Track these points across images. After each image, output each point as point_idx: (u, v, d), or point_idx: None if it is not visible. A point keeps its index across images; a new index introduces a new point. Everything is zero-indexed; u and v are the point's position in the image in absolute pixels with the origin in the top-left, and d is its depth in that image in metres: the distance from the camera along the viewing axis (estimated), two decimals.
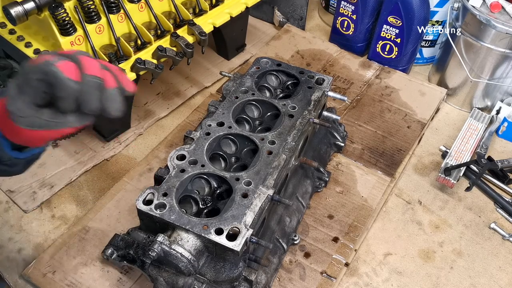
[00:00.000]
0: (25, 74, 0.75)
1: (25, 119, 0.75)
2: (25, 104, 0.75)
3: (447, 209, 1.53)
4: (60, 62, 0.73)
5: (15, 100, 0.75)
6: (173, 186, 1.11)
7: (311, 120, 1.32)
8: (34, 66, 0.74)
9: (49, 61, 0.73)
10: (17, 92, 0.75)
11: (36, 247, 1.39)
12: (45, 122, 0.77)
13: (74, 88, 0.74)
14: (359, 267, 1.38)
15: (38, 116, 0.76)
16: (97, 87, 0.75)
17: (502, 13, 1.58)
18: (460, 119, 1.81)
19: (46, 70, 0.73)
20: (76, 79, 0.74)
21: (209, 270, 1.10)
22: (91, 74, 0.75)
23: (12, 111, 0.75)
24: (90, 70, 0.75)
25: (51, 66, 0.73)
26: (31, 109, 0.75)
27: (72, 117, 0.78)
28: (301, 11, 2.08)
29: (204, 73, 1.93)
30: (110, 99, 0.77)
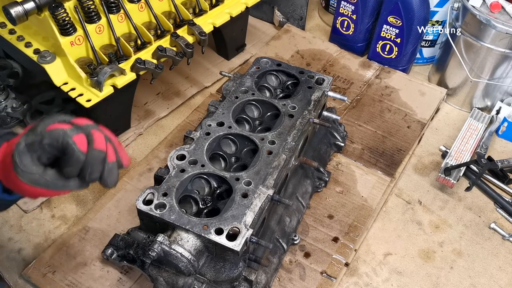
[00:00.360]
0: (40, 136, 0.80)
1: (29, 175, 0.80)
2: (31, 161, 0.79)
3: (447, 209, 1.53)
4: (76, 136, 0.80)
5: (23, 156, 0.79)
6: (173, 186, 1.11)
7: (311, 120, 1.32)
8: (51, 133, 0.80)
9: (67, 133, 0.79)
10: (26, 149, 0.80)
11: (36, 247, 1.38)
12: (47, 182, 0.81)
13: (82, 159, 0.80)
14: (359, 267, 1.38)
15: (42, 175, 0.80)
16: (101, 161, 0.82)
17: (502, 13, 1.58)
18: (460, 119, 1.81)
19: (63, 141, 0.79)
20: (85, 151, 0.81)
21: (209, 270, 1.10)
22: (97, 148, 0.82)
23: (19, 165, 0.79)
24: (97, 145, 0.82)
25: (68, 138, 0.79)
26: (36, 166, 0.80)
27: (73, 182, 0.83)
28: (301, 11, 2.08)
29: (204, 73, 1.93)
30: (109, 172, 0.84)
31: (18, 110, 1.60)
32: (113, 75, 1.39)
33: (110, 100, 1.41)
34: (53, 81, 1.40)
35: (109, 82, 1.39)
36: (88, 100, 1.36)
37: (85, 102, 1.36)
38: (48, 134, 0.80)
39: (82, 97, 1.37)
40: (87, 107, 1.36)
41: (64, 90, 1.39)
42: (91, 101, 1.36)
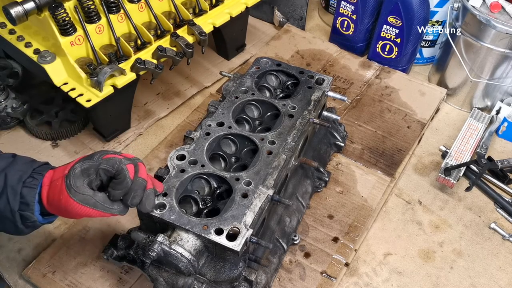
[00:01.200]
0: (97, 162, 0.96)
1: (80, 195, 0.93)
2: (83, 184, 0.94)
3: (447, 209, 1.53)
4: (128, 164, 0.97)
5: (77, 179, 0.94)
6: (173, 186, 1.11)
7: (311, 120, 1.32)
8: (108, 160, 0.96)
9: (122, 161, 0.96)
10: (80, 173, 0.94)
11: (36, 247, 1.38)
12: (96, 203, 0.95)
13: (128, 185, 0.96)
14: (359, 267, 1.38)
15: (92, 196, 0.94)
16: (142, 188, 0.98)
17: (502, 13, 1.58)
18: (460, 119, 1.81)
19: (119, 167, 0.96)
20: (132, 178, 0.96)
21: (209, 270, 1.10)
22: (141, 177, 0.98)
23: (72, 186, 0.93)
24: (141, 174, 0.98)
25: (123, 165, 0.96)
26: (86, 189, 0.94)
27: (117, 206, 0.98)
28: (301, 11, 2.08)
29: (204, 73, 1.93)
30: (147, 197, 1.00)
31: (18, 110, 1.60)
32: (113, 75, 1.39)
33: (110, 100, 1.41)
34: (53, 81, 1.40)
35: (109, 82, 1.39)
36: (88, 100, 1.36)
37: (85, 102, 1.36)
38: (105, 161, 0.96)
39: (82, 97, 1.37)
40: (87, 107, 1.36)
41: (64, 90, 1.39)
42: (91, 101, 1.36)
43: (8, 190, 0.96)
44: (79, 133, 1.67)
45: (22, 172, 0.98)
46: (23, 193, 0.97)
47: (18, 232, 1.02)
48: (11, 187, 0.96)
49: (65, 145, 1.63)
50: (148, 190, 1.00)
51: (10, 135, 1.65)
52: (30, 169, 0.99)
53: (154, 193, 1.03)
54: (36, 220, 0.99)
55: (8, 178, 0.97)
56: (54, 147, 1.62)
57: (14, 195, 0.96)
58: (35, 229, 1.04)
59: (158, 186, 1.06)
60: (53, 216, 1.03)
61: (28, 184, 0.97)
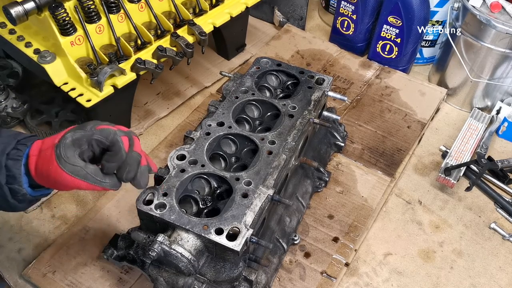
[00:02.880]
0: (90, 132, 0.91)
1: (70, 166, 0.89)
2: (74, 155, 0.90)
3: (447, 209, 1.53)
4: (123, 136, 0.93)
5: (68, 149, 0.89)
6: (173, 186, 1.11)
7: (311, 120, 1.32)
8: (102, 130, 0.92)
9: (117, 132, 0.92)
10: (71, 143, 0.90)
11: (36, 247, 1.38)
12: (86, 175, 0.90)
13: (123, 158, 0.92)
14: (359, 267, 1.38)
15: (83, 168, 0.90)
16: (137, 162, 0.94)
17: (502, 13, 1.58)
18: (460, 119, 1.81)
19: (113, 139, 0.92)
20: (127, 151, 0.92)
21: (209, 270, 1.10)
22: (136, 151, 0.94)
23: (62, 156, 0.88)
24: (136, 148, 0.95)
25: (117, 137, 0.92)
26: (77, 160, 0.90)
27: (109, 180, 0.93)
28: (301, 11, 2.08)
29: (204, 73, 1.93)
30: (142, 174, 0.96)
31: (18, 110, 1.60)
32: (113, 75, 1.39)
33: (110, 100, 1.41)
34: (53, 81, 1.40)
35: (109, 82, 1.39)
36: (88, 100, 1.36)
37: (85, 102, 1.36)
38: (99, 131, 0.91)
39: (82, 97, 1.37)
40: (87, 107, 1.36)
41: (64, 90, 1.39)
42: (91, 101, 1.36)
43: None
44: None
45: (5, 144, 0.94)
46: (8, 166, 0.92)
47: (12, 207, 0.98)
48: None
49: None
50: (143, 167, 0.96)
51: None
52: (14, 141, 0.95)
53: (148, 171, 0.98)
54: (26, 193, 0.95)
55: None
56: None
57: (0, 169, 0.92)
58: (30, 204, 1.01)
59: (152, 165, 1.01)
60: (45, 189, 0.99)
61: (12, 156, 0.93)
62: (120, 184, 0.96)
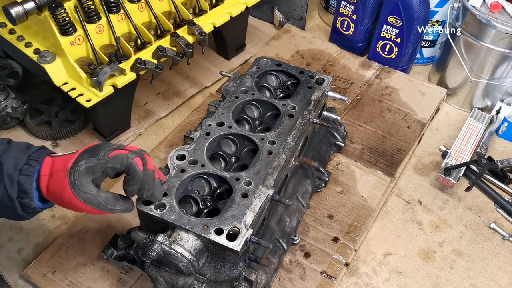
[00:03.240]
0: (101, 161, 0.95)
1: (84, 194, 0.93)
2: (87, 182, 0.94)
3: (447, 209, 1.53)
4: (135, 158, 0.97)
5: (82, 177, 0.93)
6: (173, 186, 1.11)
7: (311, 120, 1.32)
8: (115, 157, 0.96)
9: (129, 156, 0.96)
10: (85, 171, 0.93)
11: (36, 247, 1.38)
12: (99, 203, 0.95)
13: (141, 178, 0.98)
14: (359, 267, 1.38)
15: (96, 196, 0.94)
16: (152, 179, 1.00)
17: (502, 13, 1.58)
18: (460, 119, 1.81)
19: (127, 163, 0.96)
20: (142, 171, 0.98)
21: (209, 270, 1.10)
22: (150, 169, 1.00)
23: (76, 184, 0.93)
24: (149, 166, 1.00)
25: (131, 160, 0.96)
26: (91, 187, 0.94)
27: (120, 206, 0.99)
28: (301, 11, 2.08)
29: (204, 73, 1.93)
30: (157, 188, 1.03)
31: (18, 110, 1.60)
32: (113, 75, 1.39)
33: (110, 100, 1.41)
34: (53, 81, 1.40)
35: (109, 82, 1.39)
36: (88, 100, 1.36)
37: (85, 102, 1.36)
38: (112, 159, 0.95)
39: (82, 97, 1.37)
40: (87, 107, 1.36)
41: (64, 90, 1.39)
42: (91, 101, 1.36)
43: (4, 178, 0.95)
44: (79, 133, 1.67)
45: (18, 159, 0.96)
46: (20, 181, 0.95)
47: (20, 218, 1.01)
48: (7, 175, 0.95)
49: (65, 145, 1.63)
50: (156, 180, 1.02)
51: (10, 135, 1.65)
52: (25, 156, 0.97)
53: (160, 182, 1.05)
54: (36, 207, 0.98)
55: (4, 166, 0.95)
56: (54, 147, 1.62)
57: (11, 183, 0.95)
58: (36, 214, 1.03)
59: (161, 175, 1.08)
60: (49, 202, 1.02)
61: (24, 171, 0.95)
62: (132, 207, 1.02)
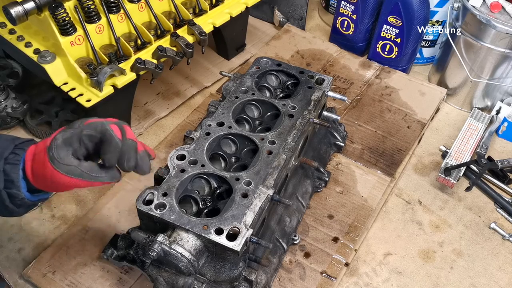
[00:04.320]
0: (79, 129, 0.91)
1: (65, 166, 0.89)
2: (67, 154, 0.89)
3: (447, 209, 1.53)
4: (111, 125, 0.92)
5: (60, 150, 0.89)
6: (173, 186, 1.11)
7: (311, 120, 1.32)
8: (90, 124, 0.91)
9: (104, 123, 0.91)
10: (63, 143, 0.90)
11: (36, 247, 1.38)
12: (82, 173, 0.90)
13: (119, 145, 0.91)
14: (359, 267, 1.38)
15: (78, 166, 0.90)
16: (134, 148, 0.93)
17: (502, 13, 1.58)
18: (460, 119, 1.81)
19: (102, 129, 0.90)
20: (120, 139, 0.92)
21: (209, 270, 1.10)
22: (130, 138, 0.93)
23: (56, 157, 0.88)
24: (129, 135, 0.94)
25: (106, 126, 0.91)
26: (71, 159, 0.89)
27: (105, 174, 0.93)
28: (301, 11, 2.08)
29: (204, 73, 1.93)
30: (142, 160, 0.95)
31: (18, 110, 1.60)
32: (113, 75, 1.39)
33: (110, 100, 1.41)
34: (53, 81, 1.40)
35: (109, 82, 1.39)
36: (88, 100, 1.36)
37: (85, 102, 1.36)
38: (87, 126, 0.91)
39: (82, 97, 1.37)
40: (87, 107, 1.35)
41: (64, 90, 1.39)
42: (91, 101, 1.36)
43: None
44: None
45: (3, 149, 0.94)
46: (6, 170, 0.93)
47: (10, 212, 0.98)
48: None
49: None
50: (141, 152, 0.95)
51: None
52: (11, 145, 0.95)
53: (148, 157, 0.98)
54: (24, 198, 0.95)
55: None
56: None
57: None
58: (27, 208, 1.01)
59: (150, 151, 1.00)
60: (43, 193, 1.00)
61: (10, 160, 0.93)
62: (119, 175, 0.96)
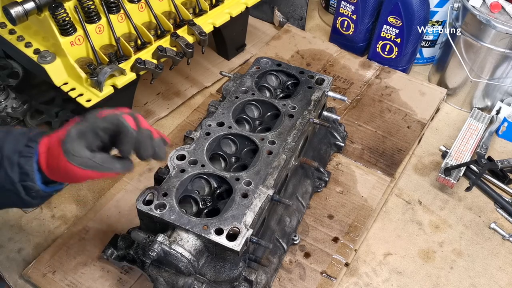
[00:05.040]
0: (92, 123, 0.92)
1: (79, 159, 0.90)
2: (81, 147, 0.90)
3: (447, 209, 1.53)
4: (125, 116, 0.93)
5: (74, 142, 0.90)
6: (173, 186, 1.11)
7: (311, 120, 1.32)
8: (105, 118, 0.92)
9: (119, 115, 0.92)
10: (77, 136, 0.91)
11: (36, 247, 1.38)
12: (95, 164, 0.91)
13: (135, 135, 0.93)
14: (359, 267, 1.38)
15: (91, 158, 0.91)
16: (149, 137, 0.95)
17: (502, 13, 1.58)
18: (460, 119, 1.81)
19: (116, 121, 0.92)
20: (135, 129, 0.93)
21: (209, 270, 1.10)
22: (144, 127, 0.95)
23: (70, 151, 0.89)
24: (143, 124, 0.95)
25: (120, 117, 0.92)
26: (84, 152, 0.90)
27: (118, 165, 0.94)
28: (301, 11, 2.08)
29: (204, 73, 1.93)
30: (158, 146, 0.97)
31: (18, 110, 1.60)
32: (113, 75, 1.39)
33: (110, 100, 1.41)
34: (53, 81, 1.39)
35: (109, 82, 1.39)
36: (88, 100, 1.36)
37: (85, 102, 1.36)
38: (102, 120, 0.92)
39: (82, 97, 1.37)
40: (87, 107, 1.35)
41: (64, 90, 1.39)
42: (91, 101, 1.36)
43: (5, 161, 0.94)
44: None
45: (17, 142, 0.95)
46: (20, 163, 0.94)
47: (27, 204, 0.99)
48: (7, 158, 0.94)
49: None
50: (157, 140, 0.97)
51: None
52: (24, 138, 0.96)
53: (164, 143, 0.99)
54: (40, 189, 0.96)
55: (3, 149, 0.94)
56: None
57: (12, 166, 0.94)
58: (43, 199, 1.01)
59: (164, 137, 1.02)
60: (58, 184, 1.01)
61: (24, 153, 0.94)
62: (132, 165, 0.97)
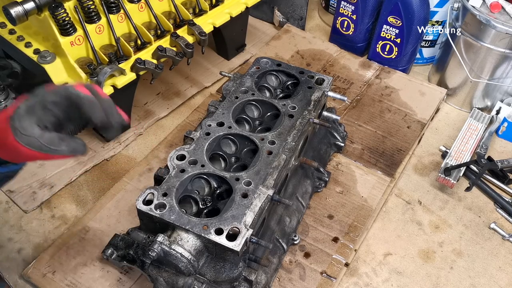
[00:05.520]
0: (41, 97, 0.84)
1: (26, 137, 0.82)
2: (30, 124, 0.82)
3: (447, 209, 1.53)
4: (77, 86, 0.85)
5: (22, 119, 0.83)
6: (173, 186, 1.11)
7: (311, 120, 1.32)
8: (53, 91, 0.84)
9: (67, 86, 0.85)
10: (26, 112, 0.83)
11: (36, 247, 1.38)
12: (41, 145, 0.83)
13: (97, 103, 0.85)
14: (359, 267, 1.38)
15: (38, 138, 0.83)
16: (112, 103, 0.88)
17: (502, 13, 1.58)
18: (460, 119, 1.81)
19: (65, 92, 0.84)
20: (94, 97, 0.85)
21: (209, 270, 1.10)
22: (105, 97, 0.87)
23: (17, 127, 0.82)
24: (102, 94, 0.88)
25: (69, 88, 0.84)
26: (35, 129, 0.83)
27: (66, 147, 0.86)
28: (301, 11, 2.08)
29: (204, 73, 1.93)
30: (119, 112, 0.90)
31: None
32: (113, 75, 1.39)
33: None
34: (53, 81, 1.39)
35: (109, 82, 1.39)
36: None
37: None
38: (50, 93, 0.84)
39: None
40: None
41: None
42: None
43: None
44: (79, 133, 1.66)
45: None
46: None
47: None
48: None
49: None
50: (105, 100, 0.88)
51: None
52: None
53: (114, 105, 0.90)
54: None
55: None
56: None
57: None
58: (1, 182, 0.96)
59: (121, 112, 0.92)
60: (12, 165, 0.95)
61: None
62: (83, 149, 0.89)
